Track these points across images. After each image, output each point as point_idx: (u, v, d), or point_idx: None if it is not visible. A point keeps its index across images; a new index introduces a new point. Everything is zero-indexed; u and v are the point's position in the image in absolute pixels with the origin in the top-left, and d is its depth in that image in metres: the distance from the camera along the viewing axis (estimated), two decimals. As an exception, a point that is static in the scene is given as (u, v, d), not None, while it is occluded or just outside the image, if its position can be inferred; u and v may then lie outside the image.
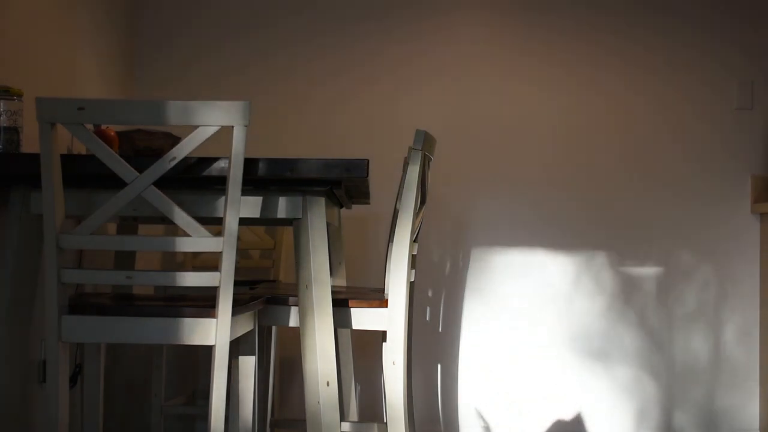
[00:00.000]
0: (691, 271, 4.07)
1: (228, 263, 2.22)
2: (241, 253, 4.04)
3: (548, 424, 4.05)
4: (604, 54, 4.10)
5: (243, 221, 2.88)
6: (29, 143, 2.86)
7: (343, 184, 2.54)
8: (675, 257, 4.07)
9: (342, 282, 3.36)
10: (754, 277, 4.07)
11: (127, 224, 3.29)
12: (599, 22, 4.11)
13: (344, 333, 3.33)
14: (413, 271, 2.97)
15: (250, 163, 2.34)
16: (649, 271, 4.07)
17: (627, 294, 4.07)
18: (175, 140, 2.69)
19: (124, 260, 3.29)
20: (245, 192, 2.45)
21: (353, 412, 3.36)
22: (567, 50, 4.10)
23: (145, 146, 2.67)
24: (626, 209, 4.08)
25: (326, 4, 4.11)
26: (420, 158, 2.64)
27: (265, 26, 4.11)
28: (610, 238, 4.08)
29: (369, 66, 4.11)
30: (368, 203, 3.36)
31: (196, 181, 2.41)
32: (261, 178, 2.37)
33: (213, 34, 4.10)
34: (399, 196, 2.68)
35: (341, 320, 2.71)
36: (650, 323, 4.06)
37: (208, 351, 4.02)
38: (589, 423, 4.05)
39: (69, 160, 2.32)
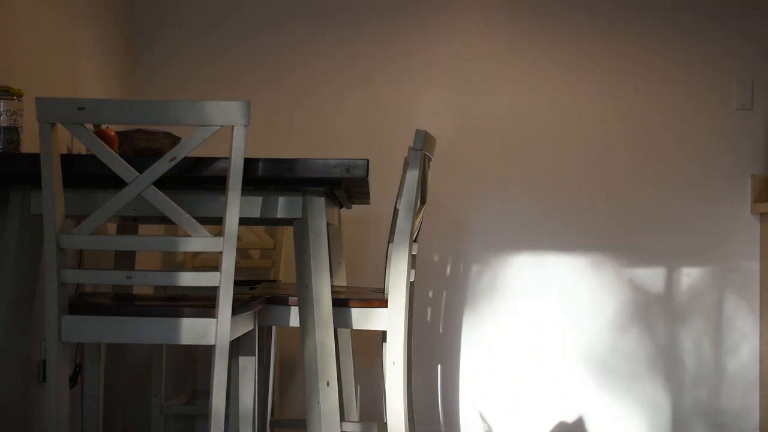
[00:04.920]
0: (691, 270, 4.07)
1: (228, 263, 2.22)
2: (241, 253, 4.04)
3: (549, 425, 4.05)
4: (605, 54, 4.10)
5: (243, 221, 2.87)
6: (29, 143, 2.86)
7: (343, 184, 2.54)
8: (675, 257, 4.07)
9: (342, 282, 3.36)
10: (754, 277, 4.07)
11: (127, 224, 3.29)
12: (600, 22, 4.11)
13: (344, 333, 3.32)
14: (413, 271, 2.97)
15: (250, 163, 2.34)
16: (649, 271, 4.07)
17: (627, 294, 4.07)
18: (175, 140, 2.69)
19: (124, 260, 3.29)
20: (245, 192, 2.44)
21: (353, 412, 3.36)
22: (567, 50, 4.10)
23: (145, 146, 2.67)
24: (626, 209, 4.08)
25: (326, 5, 4.11)
26: (420, 158, 2.64)
27: (265, 26, 4.11)
28: (610, 238, 4.08)
29: (369, 66, 4.11)
30: (368, 203, 3.36)
31: (196, 181, 2.41)
32: (261, 178, 2.37)
33: (213, 35, 4.10)
34: (399, 196, 2.68)
35: (341, 320, 2.71)
36: (650, 323, 4.06)
37: (208, 351, 4.02)
38: (589, 423, 4.05)
39: (69, 160, 2.32)
